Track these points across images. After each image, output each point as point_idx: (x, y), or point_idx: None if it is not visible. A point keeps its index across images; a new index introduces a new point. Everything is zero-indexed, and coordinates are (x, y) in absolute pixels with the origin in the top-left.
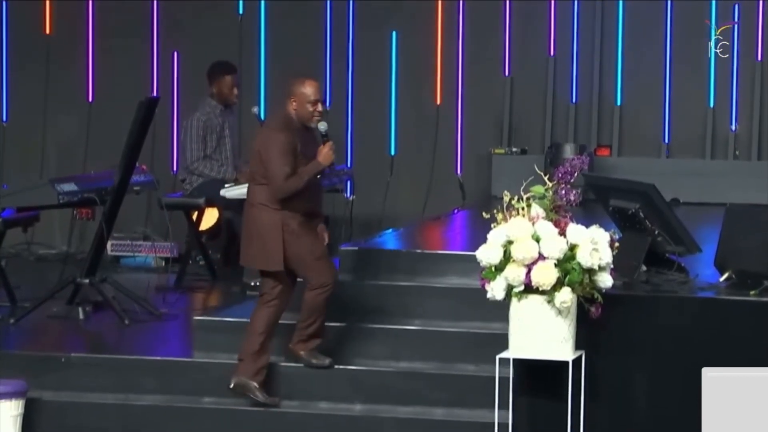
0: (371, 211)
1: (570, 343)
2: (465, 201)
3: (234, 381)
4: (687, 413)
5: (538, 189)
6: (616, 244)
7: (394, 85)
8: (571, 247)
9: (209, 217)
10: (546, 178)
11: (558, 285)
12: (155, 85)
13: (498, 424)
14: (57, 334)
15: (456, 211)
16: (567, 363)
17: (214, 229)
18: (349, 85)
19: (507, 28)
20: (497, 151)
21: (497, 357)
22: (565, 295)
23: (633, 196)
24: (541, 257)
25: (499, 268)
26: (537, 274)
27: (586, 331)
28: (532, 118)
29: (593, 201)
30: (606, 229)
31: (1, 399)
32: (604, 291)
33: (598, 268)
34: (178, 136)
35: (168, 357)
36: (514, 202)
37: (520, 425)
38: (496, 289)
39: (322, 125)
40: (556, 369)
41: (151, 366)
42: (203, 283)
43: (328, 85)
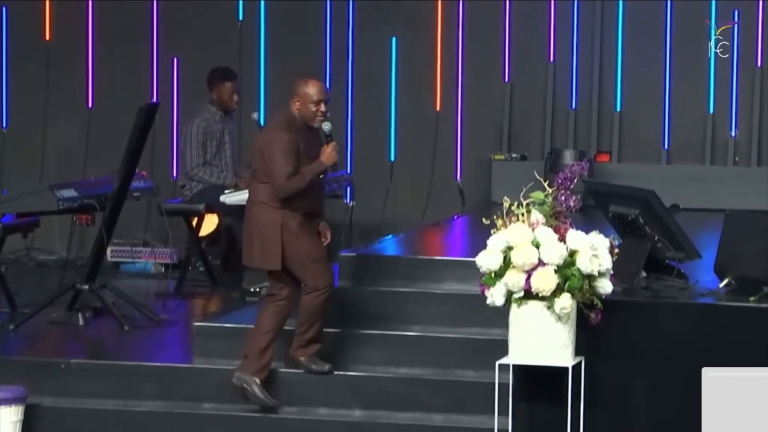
0: (371, 217)
1: (570, 349)
2: (465, 207)
3: (236, 375)
4: (687, 420)
5: (538, 195)
6: (616, 250)
7: (394, 91)
8: (571, 253)
9: (209, 223)
10: (546, 184)
11: (558, 291)
12: (155, 90)
13: (498, 430)
14: (57, 340)
15: (456, 217)
16: (567, 369)
17: (213, 235)
18: (349, 91)
19: (507, 34)
20: (497, 157)
21: (497, 363)
22: (565, 301)
23: (633, 202)
24: (540, 263)
25: (499, 274)
26: (537, 280)
27: (586, 337)
28: (532, 124)
29: (593, 207)
30: (606, 235)
31: (0, 405)
32: (603, 297)
33: (597, 274)
34: (177, 142)
35: (168, 363)
36: (513, 208)
37: (519, 431)
38: (495, 295)
39: (326, 125)
40: (555, 375)
41: (150, 372)
42: (203, 289)
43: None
